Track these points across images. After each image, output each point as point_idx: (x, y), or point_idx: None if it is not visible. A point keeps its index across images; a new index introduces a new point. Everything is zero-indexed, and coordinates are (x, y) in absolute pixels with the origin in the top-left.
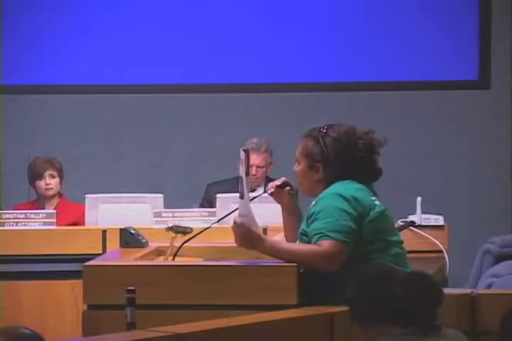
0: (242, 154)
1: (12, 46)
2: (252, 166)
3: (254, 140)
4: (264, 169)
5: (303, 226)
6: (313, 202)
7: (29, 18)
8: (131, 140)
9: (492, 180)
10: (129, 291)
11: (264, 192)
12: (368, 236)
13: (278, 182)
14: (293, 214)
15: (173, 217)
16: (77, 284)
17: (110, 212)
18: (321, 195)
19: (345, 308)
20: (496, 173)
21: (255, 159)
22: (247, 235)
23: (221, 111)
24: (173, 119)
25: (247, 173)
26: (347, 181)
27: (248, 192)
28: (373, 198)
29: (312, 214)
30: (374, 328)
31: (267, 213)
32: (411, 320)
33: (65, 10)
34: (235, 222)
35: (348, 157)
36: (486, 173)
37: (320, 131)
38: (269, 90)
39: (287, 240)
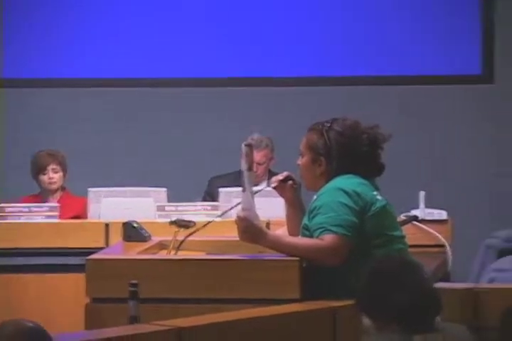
0: (244, 148)
1: (11, 40)
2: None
3: (255, 136)
4: (264, 165)
5: (305, 220)
6: (315, 197)
7: (14, 11)
8: (134, 134)
9: (495, 175)
10: (132, 285)
11: (267, 186)
12: (370, 230)
13: (281, 177)
14: (296, 208)
15: (176, 210)
16: (80, 277)
17: (113, 205)
18: (322, 190)
19: (347, 302)
20: (498, 168)
21: (255, 156)
22: (250, 229)
23: (225, 105)
24: (177, 113)
25: (251, 168)
26: (349, 175)
27: (251, 186)
28: (375, 193)
29: (314, 209)
30: (374, 322)
31: (270, 207)
32: (411, 321)
33: (55, 3)
34: (237, 216)
35: (351, 151)
36: (489, 168)
37: (324, 125)
38: (273, 84)
39: (290, 234)
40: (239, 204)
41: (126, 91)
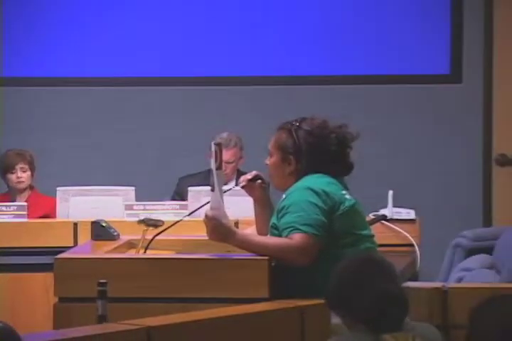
0: (213, 147)
1: None
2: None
3: (224, 135)
4: (233, 164)
5: (273, 219)
6: (284, 196)
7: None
8: (103, 133)
9: (463, 175)
10: (100, 284)
11: (236, 185)
12: (339, 230)
13: (249, 176)
14: (265, 207)
15: (144, 209)
16: (49, 277)
17: (81, 204)
18: (291, 189)
19: (316, 301)
20: (467, 167)
21: (224, 155)
22: (219, 228)
23: (194, 104)
24: (146, 112)
25: (220, 167)
26: (318, 175)
27: (220, 185)
28: (344, 192)
29: (283, 208)
30: (343, 320)
31: (239, 206)
32: (378, 321)
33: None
34: (206, 215)
35: (320, 150)
36: (457, 167)
37: (293, 124)
38: (242, 83)
39: (259, 233)
40: (208, 203)
41: (96, 91)
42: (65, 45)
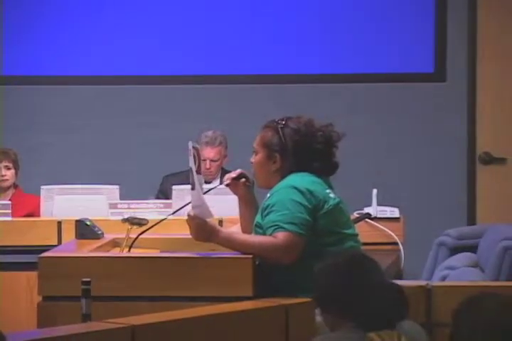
0: (190, 145)
1: None
2: (205, 160)
3: (209, 133)
4: (218, 163)
5: (257, 218)
6: (268, 195)
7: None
8: (88, 131)
9: (447, 173)
10: (84, 283)
11: (220, 184)
12: (323, 228)
13: (234, 174)
14: (249, 205)
15: (128, 208)
16: (33, 275)
17: (65, 203)
18: (275, 188)
19: (300, 300)
20: (451, 166)
21: (209, 153)
22: (202, 227)
23: (179, 102)
24: (130, 110)
25: (198, 171)
26: (303, 173)
27: (200, 183)
28: (328, 191)
29: (267, 207)
30: (330, 317)
31: (223, 205)
32: (368, 319)
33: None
34: (188, 215)
35: (306, 148)
36: (441, 166)
37: (279, 122)
38: (228, 82)
39: (244, 232)
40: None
41: (80, 89)
42: (48, 44)
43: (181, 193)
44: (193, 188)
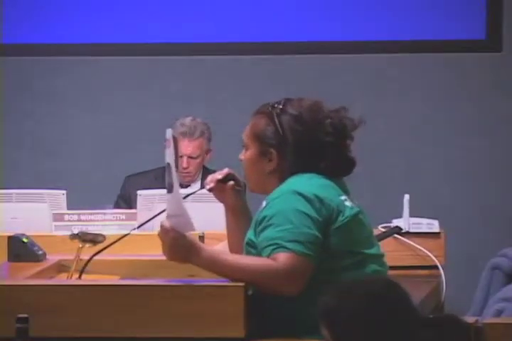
0: (169, 132)
1: None
2: (182, 156)
3: (187, 121)
4: (198, 160)
5: (249, 235)
6: (264, 203)
7: None
8: (23, 121)
9: (504, 174)
10: (19, 320)
11: (202, 188)
12: (337, 248)
13: (219, 176)
14: (239, 216)
15: (79, 220)
16: None
17: None
18: (273, 194)
19: None
20: (509, 164)
21: (187, 147)
22: (179, 243)
23: (144, 78)
24: (80, 90)
25: (176, 165)
26: (309, 174)
27: (178, 184)
28: (343, 197)
29: (263, 219)
30: None
31: (205, 215)
32: None
33: None
34: (162, 225)
35: (311, 141)
36: (495, 164)
37: (275, 107)
38: (207, 52)
39: (232, 251)
40: (164, 211)
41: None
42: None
43: (149, 200)
44: (169, 191)
